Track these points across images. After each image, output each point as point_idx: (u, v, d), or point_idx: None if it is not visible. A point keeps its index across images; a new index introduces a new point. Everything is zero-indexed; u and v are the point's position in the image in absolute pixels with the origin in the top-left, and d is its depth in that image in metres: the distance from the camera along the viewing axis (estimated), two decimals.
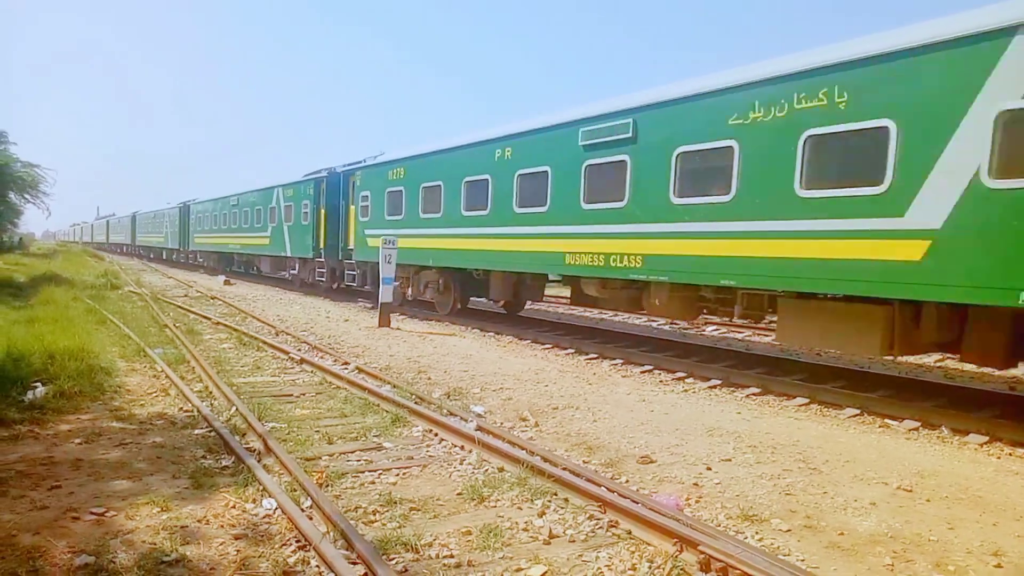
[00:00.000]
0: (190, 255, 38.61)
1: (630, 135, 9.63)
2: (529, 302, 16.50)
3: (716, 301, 9.55)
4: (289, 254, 23.15)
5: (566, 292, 13.97)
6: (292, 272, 23.67)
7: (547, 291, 15.24)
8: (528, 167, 11.76)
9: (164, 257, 46.19)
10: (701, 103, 8.75)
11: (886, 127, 6.84)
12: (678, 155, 8.97)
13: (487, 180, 12.84)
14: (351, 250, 18.72)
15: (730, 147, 8.31)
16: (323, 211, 20.45)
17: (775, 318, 8.67)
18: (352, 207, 18.71)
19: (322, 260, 20.67)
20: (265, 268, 27.30)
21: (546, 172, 11.31)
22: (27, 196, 33.16)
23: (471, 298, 15.74)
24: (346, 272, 19.20)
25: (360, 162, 18.73)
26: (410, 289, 16.46)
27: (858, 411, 7.52)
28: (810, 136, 7.48)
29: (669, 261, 9.17)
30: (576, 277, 11.46)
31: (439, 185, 14.42)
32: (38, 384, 6.92)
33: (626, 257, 9.81)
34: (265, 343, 10.86)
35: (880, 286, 7.00)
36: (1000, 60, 6.05)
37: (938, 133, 6.47)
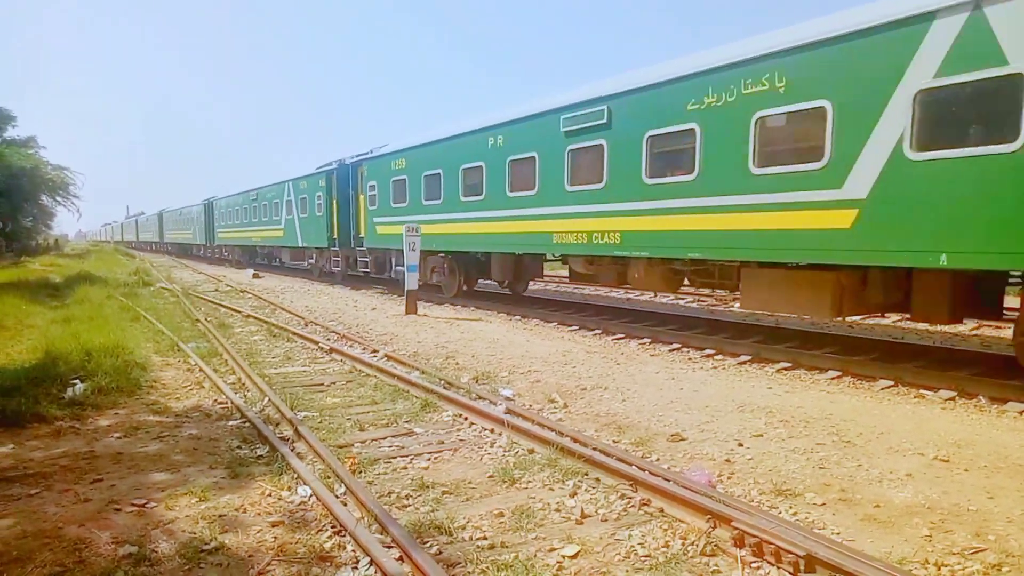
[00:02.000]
0: (215, 250, 39.66)
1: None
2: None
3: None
4: (301, 244, 24.26)
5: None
6: (310, 262, 24.72)
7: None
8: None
9: (192, 253, 46.91)
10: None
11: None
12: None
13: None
14: (362, 238, 19.27)
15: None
16: (335, 202, 20.91)
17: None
18: (361, 196, 19.15)
19: (336, 249, 21.24)
20: (286, 259, 28.49)
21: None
22: (58, 199, 34.00)
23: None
24: (358, 260, 19.73)
25: (366, 153, 19.07)
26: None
27: (892, 382, 7.40)
28: None
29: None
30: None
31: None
32: (77, 381, 7.08)
33: None
34: (295, 334, 11.01)
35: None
36: None
37: None
